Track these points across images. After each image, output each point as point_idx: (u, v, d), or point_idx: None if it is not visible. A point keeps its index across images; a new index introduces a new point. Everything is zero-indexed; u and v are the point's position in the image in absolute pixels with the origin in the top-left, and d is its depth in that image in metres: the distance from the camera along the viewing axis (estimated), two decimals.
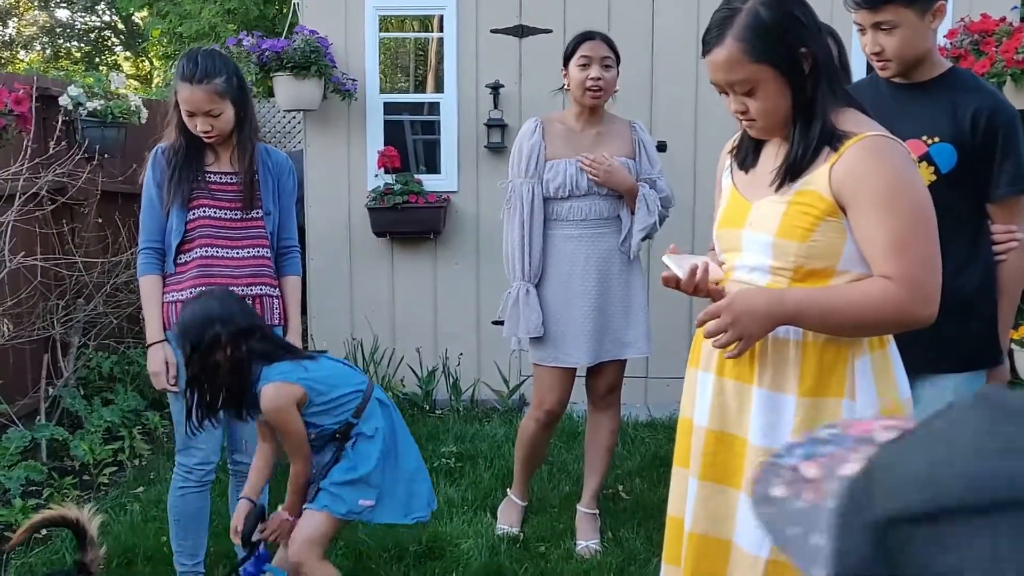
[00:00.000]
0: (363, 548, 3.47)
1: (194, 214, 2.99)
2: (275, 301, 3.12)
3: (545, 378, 3.44)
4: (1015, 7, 5.01)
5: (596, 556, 3.45)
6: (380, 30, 5.35)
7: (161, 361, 2.99)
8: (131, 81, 14.92)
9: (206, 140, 2.98)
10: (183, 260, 3.01)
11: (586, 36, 3.38)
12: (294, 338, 3.17)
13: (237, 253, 3.05)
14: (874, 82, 2.56)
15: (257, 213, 3.07)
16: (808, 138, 1.77)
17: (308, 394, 2.63)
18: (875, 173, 1.70)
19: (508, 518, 3.68)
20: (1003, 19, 4.81)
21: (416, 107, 6.52)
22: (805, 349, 1.78)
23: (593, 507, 3.62)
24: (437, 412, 5.22)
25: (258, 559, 2.76)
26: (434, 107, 5.60)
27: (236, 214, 3.04)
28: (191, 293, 2.97)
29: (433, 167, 5.52)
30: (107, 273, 4.76)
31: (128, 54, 18.52)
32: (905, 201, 1.71)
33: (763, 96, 1.77)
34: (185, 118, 2.94)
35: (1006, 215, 2.45)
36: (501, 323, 5.24)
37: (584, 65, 3.31)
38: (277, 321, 3.12)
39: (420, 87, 8.45)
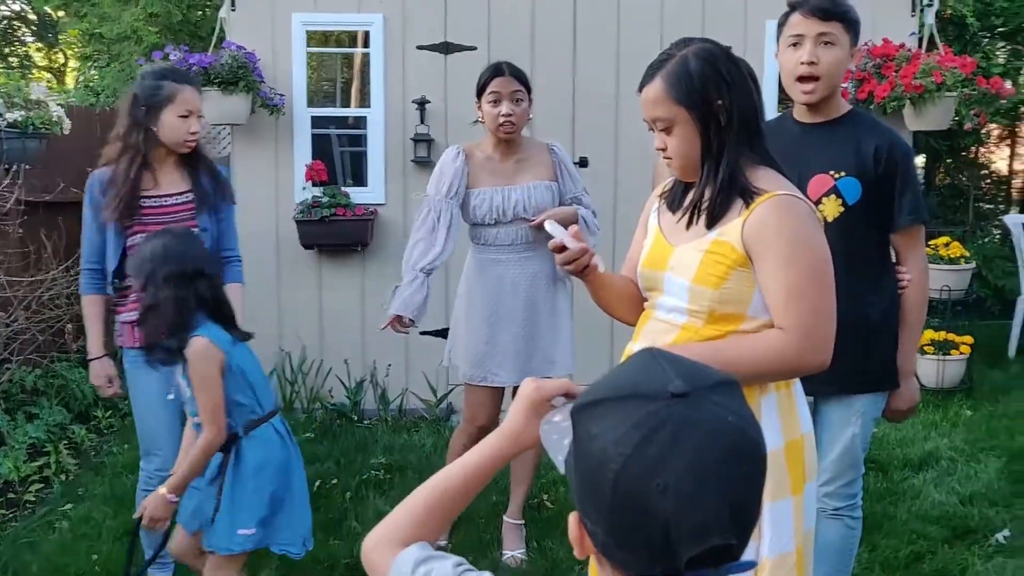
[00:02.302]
0: (295, 561, 3.53)
1: (132, 240, 3.08)
2: None
3: (475, 396, 3.56)
4: (913, 32, 5.30)
5: (522, 566, 3.59)
6: (308, 44, 5.40)
7: (102, 375, 3.17)
8: (43, 73, 14.51)
9: (188, 147, 3.11)
10: (127, 283, 3.09)
11: (495, 71, 3.44)
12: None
13: None
14: (782, 122, 2.74)
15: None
16: (715, 183, 1.92)
17: (224, 371, 2.67)
18: (779, 229, 1.87)
19: None
20: (903, 45, 5.10)
21: (343, 120, 6.58)
22: None
23: (519, 518, 3.76)
24: (365, 423, 5.31)
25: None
26: (361, 121, 5.66)
27: None
28: (136, 315, 3.05)
29: (360, 180, 5.59)
30: (30, 286, 4.73)
31: (40, 45, 17.96)
32: (803, 256, 1.87)
33: (679, 136, 1.94)
34: (175, 122, 3.06)
35: (908, 243, 2.64)
36: (429, 334, 5.39)
37: (494, 101, 3.41)
38: None
39: (347, 101, 8.47)
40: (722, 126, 1.90)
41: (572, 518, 1.03)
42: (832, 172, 2.58)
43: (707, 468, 0.93)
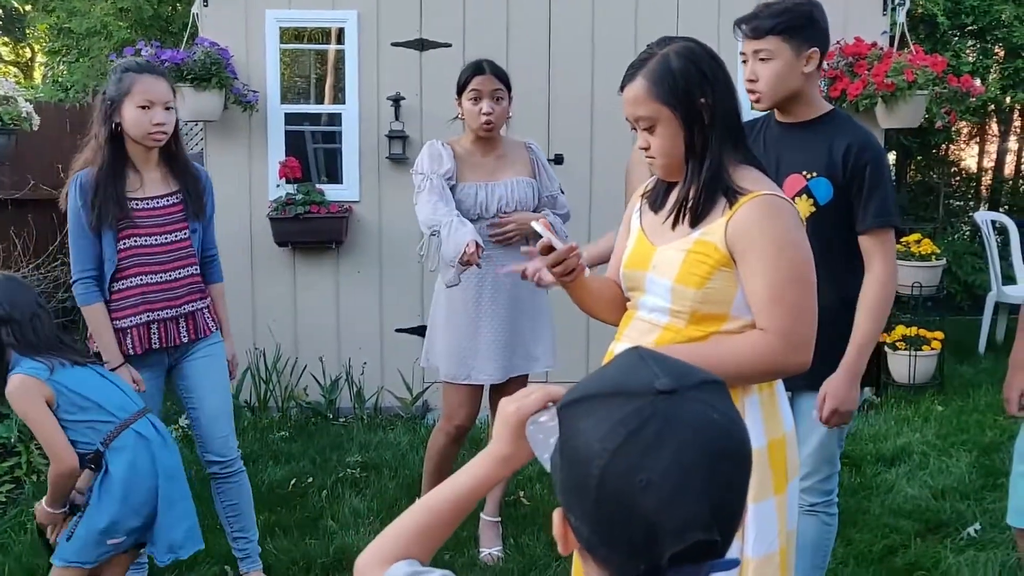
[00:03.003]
0: (272, 561, 3.52)
1: (124, 244, 3.03)
2: (206, 311, 3.22)
3: (455, 395, 3.52)
4: (885, 31, 5.35)
5: (499, 563, 3.59)
6: (281, 41, 5.36)
7: (130, 380, 3.04)
8: (9, 68, 14.30)
9: (155, 140, 3.01)
10: (118, 288, 3.05)
11: (476, 70, 3.43)
12: (232, 342, 3.35)
13: (170, 276, 3.11)
14: (766, 122, 2.77)
15: (184, 234, 3.14)
16: (699, 182, 1.92)
17: (55, 397, 2.66)
18: (763, 230, 1.87)
19: None
20: (875, 44, 5.14)
21: (317, 117, 6.54)
22: None
23: (496, 515, 3.76)
24: (341, 421, 5.29)
25: None
26: (335, 117, 5.64)
27: (164, 238, 3.09)
28: (131, 322, 3.04)
29: (335, 177, 5.56)
30: None
31: (7, 40, 17.72)
32: (786, 257, 1.88)
33: (662, 135, 1.93)
34: (136, 115, 2.96)
35: (873, 246, 2.59)
36: (405, 331, 5.38)
37: (475, 99, 3.40)
38: (213, 329, 3.24)
39: (321, 97, 8.42)
40: (705, 124, 1.91)
41: (556, 514, 1.04)
42: (805, 172, 2.60)
43: (690, 464, 0.93)
